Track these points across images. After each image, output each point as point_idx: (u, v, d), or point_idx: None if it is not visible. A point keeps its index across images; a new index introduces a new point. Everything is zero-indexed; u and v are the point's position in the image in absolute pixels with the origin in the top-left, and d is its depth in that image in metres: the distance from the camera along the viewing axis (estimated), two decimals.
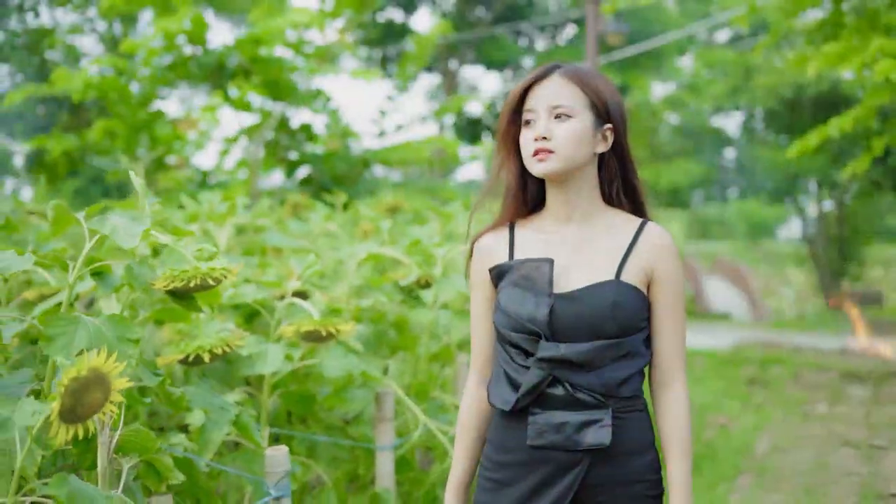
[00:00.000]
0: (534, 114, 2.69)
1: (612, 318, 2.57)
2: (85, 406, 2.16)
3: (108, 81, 11.28)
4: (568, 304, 2.60)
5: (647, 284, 2.68)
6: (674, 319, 2.69)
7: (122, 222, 2.83)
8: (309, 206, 7.82)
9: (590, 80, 2.70)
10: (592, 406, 2.58)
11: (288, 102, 12.09)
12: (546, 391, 2.62)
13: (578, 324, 2.58)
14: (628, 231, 2.71)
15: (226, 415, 3.30)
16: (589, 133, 2.66)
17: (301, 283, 4.10)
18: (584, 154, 2.66)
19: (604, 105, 2.69)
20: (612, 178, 2.77)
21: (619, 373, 2.59)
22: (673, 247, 2.71)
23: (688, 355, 10.94)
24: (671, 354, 2.69)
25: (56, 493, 2.17)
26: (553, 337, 2.60)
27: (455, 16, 28.80)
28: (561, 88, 2.68)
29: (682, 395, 2.69)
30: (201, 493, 3.33)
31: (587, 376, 2.58)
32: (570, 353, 2.56)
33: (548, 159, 2.64)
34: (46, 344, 2.72)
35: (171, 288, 2.89)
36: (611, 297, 2.58)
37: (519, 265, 2.69)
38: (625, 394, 2.60)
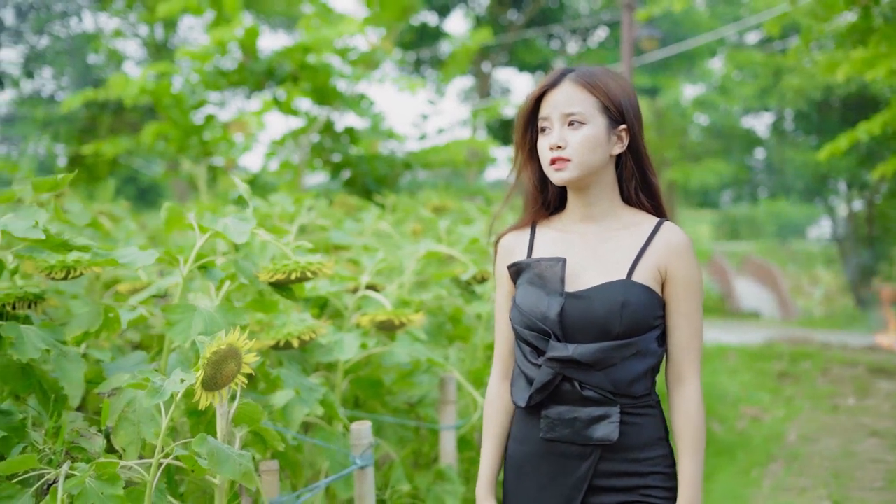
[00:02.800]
0: (548, 122, 2.74)
1: (620, 318, 2.62)
2: (222, 376, 2.49)
3: (163, 87, 11.69)
4: (579, 304, 2.67)
5: (660, 283, 2.73)
6: (688, 317, 2.73)
7: (232, 222, 3.24)
8: (361, 207, 8.21)
9: (600, 83, 2.74)
10: (601, 402, 2.65)
11: (333, 107, 12.44)
12: (559, 387, 2.70)
13: (588, 323, 2.65)
14: (644, 231, 2.76)
15: (314, 394, 3.69)
16: (603, 137, 2.71)
17: (371, 278, 4.51)
18: (600, 158, 2.72)
19: (617, 106, 2.74)
20: (630, 178, 2.82)
21: (629, 372, 2.66)
22: (688, 245, 2.75)
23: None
24: (685, 351, 2.74)
25: (198, 451, 2.54)
26: (563, 336, 2.68)
27: (488, 19, 29.09)
28: (572, 95, 2.72)
29: (695, 391, 2.74)
30: (288, 465, 3.73)
31: (596, 375, 2.64)
32: (578, 354, 2.63)
33: (565, 168, 2.70)
34: (169, 328, 3.13)
35: (273, 280, 3.28)
36: (620, 296, 2.64)
37: (534, 264, 2.77)
38: (636, 392, 2.68)
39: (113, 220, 6.45)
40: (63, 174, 3.26)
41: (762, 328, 19.46)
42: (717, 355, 13.13)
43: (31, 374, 3.13)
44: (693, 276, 2.73)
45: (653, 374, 2.73)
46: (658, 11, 11.72)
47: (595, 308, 2.65)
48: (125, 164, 21.54)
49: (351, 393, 4.63)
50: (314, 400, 3.67)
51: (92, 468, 2.47)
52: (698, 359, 2.77)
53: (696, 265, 2.76)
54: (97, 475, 2.46)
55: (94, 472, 2.46)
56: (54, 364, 3.07)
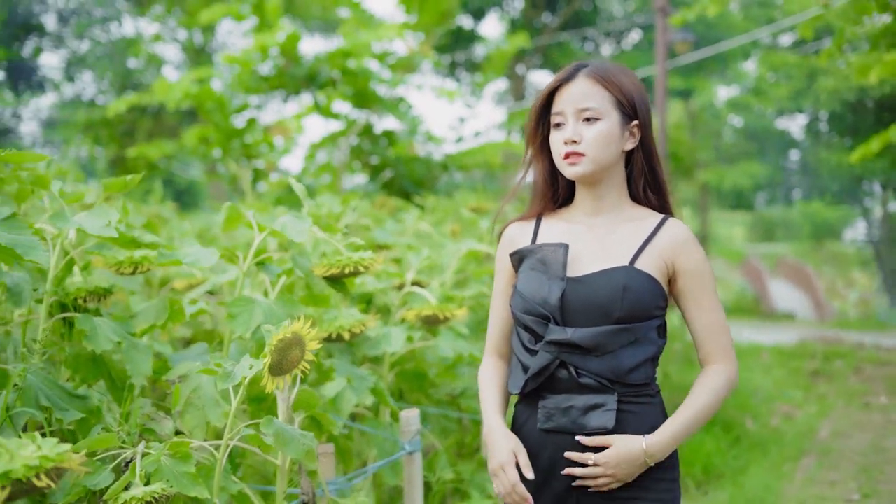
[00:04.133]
0: (562, 116, 2.74)
1: (621, 301, 2.61)
2: (288, 362, 2.66)
3: (206, 91, 11.94)
4: (580, 288, 2.66)
5: (666, 276, 2.72)
6: (705, 304, 2.72)
7: (289, 221, 3.45)
8: (401, 208, 8.43)
9: (614, 79, 2.74)
10: (597, 390, 2.64)
11: (372, 110, 12.64)
12: (555, 374, 2.68)
13: (588, 307, 2.64)
14: (648, 225, 2.76)
15: (365, 383, 3.90)
16: (617, 132, 2.72)
17: (416, 275, 4.72)
18: (613, 154, 2.73)
19: (630, 102, 2.74)
20: (640, 174, 2.82)
21: (628, 359, 2.63)
22: (692, 239, 2.75)
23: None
24: (710, 337, 2.73)
25: (266, 432, 2.74)
26: (563, 320, 2.66)
27: (522, 22, 29.23)
28: (587, 90, 2.72)
29: (720, 369, 2.72)
30: (339, 452, 3.93)
31: (595, 361, 2.63)
32: (577, 337, 2.62)
33: (579, 162, 2.70)
34: (231, 320, 3.34)
35: (328, 274, 3.48)
36: (622, 281, 2.63)
37: (537, 249, 2.76)
38: (635, 381, 2.65)
39: (161, 221, 6.68)
40: (131, 176, 3.46)
41: (796, 329, 19.53)
42: (751, 354, 13.23)
43: (100, 363, 3.36)
44: (701, 265, 2.73)
45: (653, 365, 2.72)
46: (692, 16, 11.85)
47: (596, 292, 2.64)
48: (164, 167, 21.82)
49: (396, 385, 4.81)
50: (365, 389, 3.87)
51: (166, 447, 2.66)
52: (726, 344, 2.75)
53: (703, 255, 2.76)
54: (171, 454, 2.65)
55: (168, 452, 2.65)
56: (124, 354, 3.28)
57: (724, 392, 2.72)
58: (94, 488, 2.63)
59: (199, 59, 25.53)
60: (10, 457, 2.01)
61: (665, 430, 2.64)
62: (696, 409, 2.67)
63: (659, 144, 15.81)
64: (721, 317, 2.76)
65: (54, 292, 3.25)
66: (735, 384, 2.79)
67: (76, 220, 3.12)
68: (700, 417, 2.68)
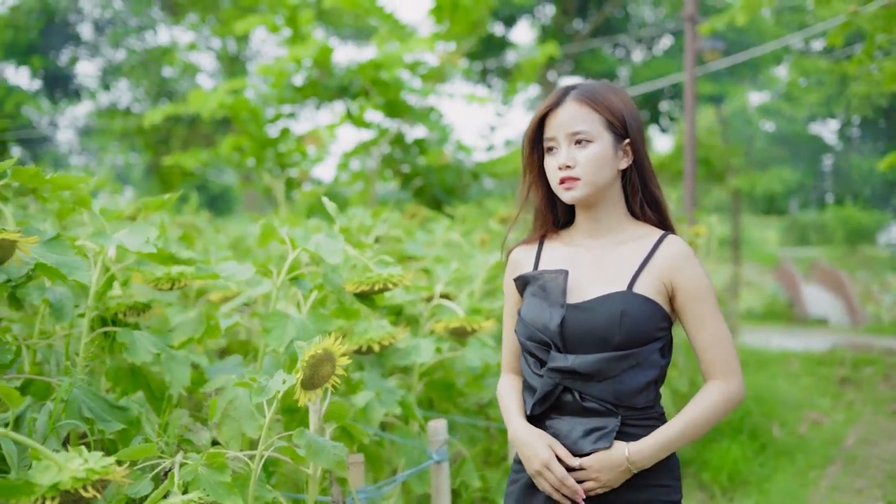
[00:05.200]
0: (554, 141, 2.76)
1: (619, 327, 2.61)
2: (319, 377, 2.75)
3: (240, 102, 12.11)
4: (579, 315, 2.67)
5: (666, 296, 2.72)
6: (705, 321, 2.71)
7: (323, 240, 3.58)
8: (431, 218, 8.55)
9: (603, 100, 2.74)
10: (601, 414, 2.65)
11: (403, 119, 12.77)
12: (561, 398, 2.71)
13: (588, 334, 2.65)
14: (647, 244, 2.76)
15: (394, 395, 4.02)
16: (610, 153, 2.73)
17: (444, 287, 4.83)
18: (608, 175, 2.74)
19: (621, 122, 2.74)
20: (635, 191, 2.83)
21: (630, 383, 2.64)
22: (690, 255, 2.74)
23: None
24: (710, 351, 2.72)
25: (297, 444, 2.86)
26: (564, 347, 2.68)
27: (553, 29, 29.28)
28: (577, 113, 2.72)
29: (719, 385, 2.71)
30: (369, 461, 4.05)
31: (597, 386, 2.65)
32: (577, 364, 2.64)
33: (575, 187, 2.72)
34: (265, 334, 3.47)
35: (359, 290, 3.60)
36: (619, 306, 2.63)
37: (538, 276, 2.79)
38: (638, 404, 2.67)
39: (195, 231, 6.83)
40: (169, 195, 3.60)
41: (828, 334, 19.46)
42: (780, 361, 13.24)
43: (139, 375, 3.50)
44: (700, 282, 2.72)
45: (656, 387, 2.73)
46: (721, 25, 11.89)
47: (595, 319, 2.65)
48: (198, 174, 22.03)
49: (425, 394, 4.92)
50: (393, 401, 3.99)
51: (203, 458, 2.78)
52: (727, 359, 2.73)
53: (702, 271, 2.75)
54: (208, 464, 2.77)
55: (205, 462, 2.77)
56: (163, 366, 3.41)
57: (720, 407, 2.70)
58: (134, 497, 2.75)
59: (233, 67, 25.77)
60: (59, 469, 2.15)
61: (650, 439, 2.64)
62: (686, 421, 2.66)
63: (688, 150, 15.88)
64: (722, 332, 2.74)
65: (95, 307, 3.38)
66: (738, 399, 2.76)
67: (117, 237, 3.25)
68: (690, 430, 2.67)
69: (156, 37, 28.52)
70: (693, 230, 8.81)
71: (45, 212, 4.75)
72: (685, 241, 2.79)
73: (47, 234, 3.01)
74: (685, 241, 2.79)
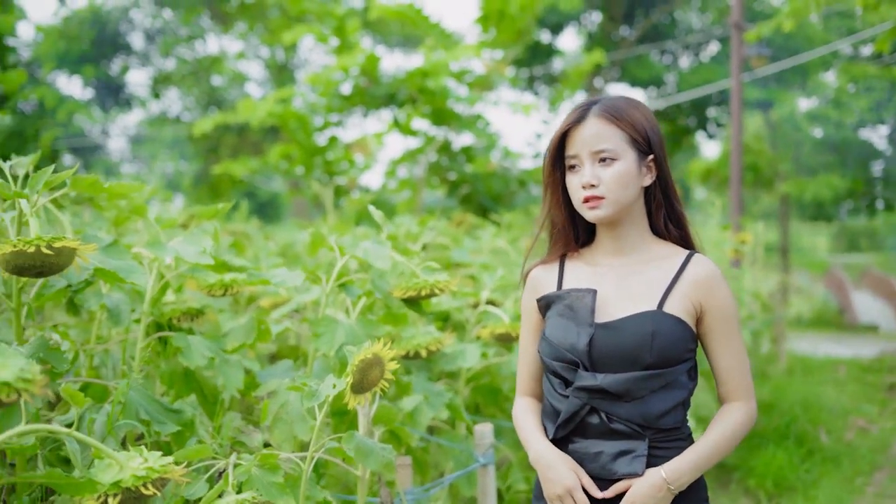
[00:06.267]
0: (577, 159, 2.69)
1: (650, 347, 2.55)
2: (368, 381, 2.80)
3: (289, 111, 12.25)
4: (608, 334, 2.60)
5: (694, 317, 2.66)
6: (729, 344, 2.67)
7: (371, 247, 3.66)
8: (478, 225, 8.62)
9: (626, 116, 2.67)
10: (628, 436, 2.59)
11: (450, 127, 12.85)
12: (585, 420, 2.64)
13: (617, 353, 2.58)
14: (674, 264, 2.70)
15: (442, 399, 4.08)
16: (634, 171, 2.66)
17: (490, 293, 4.90)
18: (633, 193, 2.67)
19: (644, 138, 2.68)
20: (659, 208, 2.77)
21: (658, 404, 2.59)
22: (718, 276, 2.69)
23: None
24: (732, 374, 2.68)
25: (347, 446, 2.94)
26: (592, 366, 2.61)
27: (600, 36, 29.28)
28: (600, 130, 2.65)
29: (739, 409, 2.68)
30: (416, 463, 4.11)
31: (625, 407, 2.58)
32: (606, 383, 2.57)
33: (599, 206, 2.64)
34: (315, 339, 3.55)
35: (406, 296, 3.68)
36: (650, 326, 2.56)
37: (564, 295, 2.71)
38: (665, 425, 2.61)
39: (245, 239, 6.93)
40: (222, 204, 3.69)
41: (878, 341, 19.30)
42: (827, 367, 13.18)
43: (192, 379, 3.59)
44: (727, 305, 2.68)
45: (683, 409, 2.67)
46: (767, 31, 11.88)
47: (625, 338, 2.58)
48: (247, 182, 22.23)
49: (472, 399, 4.97)
50: (441, 404, 4.05)
51: (256, 459, 2.86)
52: (746, 383, 2.71)
53: (729, 293, 2.70)
54: (260, 465, 2.85)
55: (258, 463, 2.85)
56: (217, 369, 3.51)
57: (742, 429, 2.67)
58: (190, 498, 2.84)
59: (281, 75, 25.98)
60: (120, 468, 2.24)
61: (684, 459, 2.58)
62: (718, 440, 2.62)
63: (735, 156, 15.83)
64: (743, 356, 2.71)
65: (151, 313, 3.48)
66: (754, 421, 2.73)
67: (172, 246, 3.34)
68: (719, 449, 2.63)
69: (205, 46, 28.84)
70: (739, 237, 8.83)
71: (99, 220, 4.86)
72: (711, 260, 2.75)
73: (105, 241, 3.10)
74: (711, 260, 2.75)
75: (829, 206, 29.23)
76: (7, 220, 2.86)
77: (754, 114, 31.34)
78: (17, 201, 2.82)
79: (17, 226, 2.84)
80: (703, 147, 32.80)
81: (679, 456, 2.60)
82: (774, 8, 27.17)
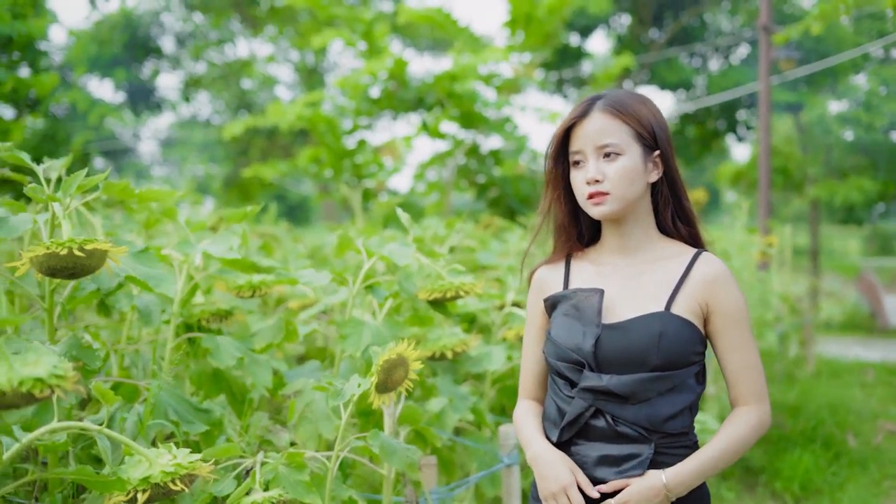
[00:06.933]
0: (581, 155, 2.63)
1: (658, 349, 2.50)
2: (392, 380, 2.83)
3: (318, 115, 12.34)
4: (615, 335, 2.54)
5: (702, 318, 2.60)
6: (740, 345, 2.61)
7: (395, 248, 3.71)
8: (505, 228, 8.66)
9: (632, 110, 2.61)
10: (634, 440, 2.54)
11: (478, 130, 12.89)
12: (590, 423, 2.58)
13: (624, 354, 2.53)
14: (681, 263, 2.64)
15: (466, 402, 4.13)
16: (640, 167, 2.60)
17: (515, 296, 4.93)
18: (638, 189, 2.62)
19: (650, 133, 2.62)
20: (666, 205, 2.71)
21: (665, 408, 2.53)
22: (726, 275, 2.63)
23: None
24: (742, 376, 2.62)
25: (372, 444, 2.98)
26: (598, 367, 2.56)
27: (629, 38, 29.24)
28: (605, 125, 2.59)
29: (749, 413, 2.62)
30: (442, 464, 4.15)
31: (631, 409, 2.53)
32: (612, 385, 2.52)
33: (604, 202, 2.59)
34: (342, 340, 3.60)
35: (431, 298, 3.72)
36: (658, 328, 2.51)
37: (570, 295, 2.66)
38: (672, 429, 2.55)
39: (274, 241, 6.99)
40: (251, 206, 3.75)
41: None
42: (854, 371, 13.11)
43: (221, 379, 3.64)
44: (737, 305, 2.62)
45: (691, 413, 2.61)
46: (795, 34, 11.87)
47: (632, 339, 2.53)
48: (276, 184, 22.32)
49: (498, 401, 5.00)
50: (465, 407, 4.10)
51: (283, 457, 2.91)
52: (758, 385, 2.64)
53: (738, 292, 2.64)
54: (287, 463, 2.90)
55: (285, 461, 2.90)
56: (246, 369, 3.56)
57: (753, 434, 2.61)
58: (218, 495, 2.89)
59: (311, 79, 26.09)
60: (150, 464, 2.30)
61: (686, 465, 2.53)
62: (724, 447, 2.57)
63: (763, 160, 15.78)
64: (755, 357, 2.65)
65: (180, 314, 3.54)
66: (766, 425, 2.67)
67: (201, 245, 3.41)
68: (727, 456, 2.57)
69: (235, 50, 28.99)
70: (766, 240, 8.83)
71: (130, 222, 4.93)
72: (719, 258, 2.69)
73: (136, 247, 3.16)
74: (719, 258, 2.69)
75: (860, 210, 29.06)
76: (40, 222, 2.91)
77: (784, 117, 31.19)
78: (49, 204, 2.88)
79: (50, 228, 2.89)
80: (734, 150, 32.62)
81: (683, 462, 2.55)
82: (804, 10, 27.05)
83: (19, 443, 2.29)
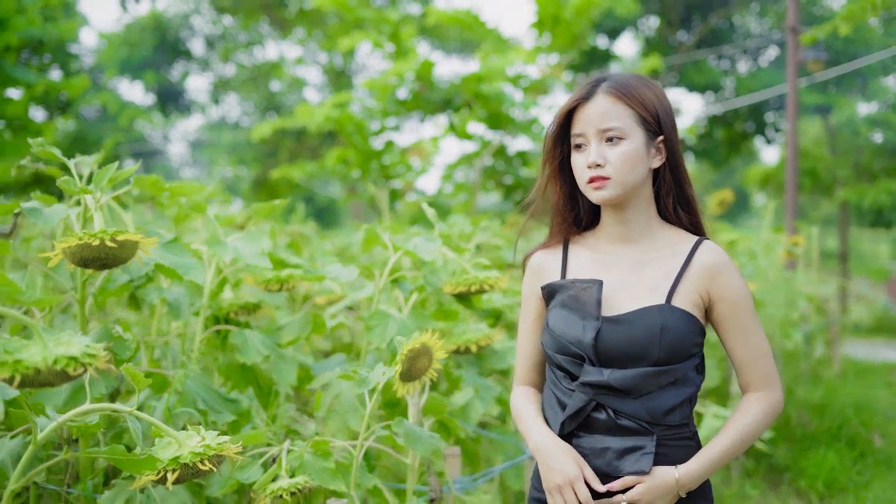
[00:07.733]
0: (583, 137, 2.57)
1: (659, 343, 2.47)
2: (416, 369, 2.87)
3: (346, 116, 12.41)
4: (616, 328, 2.50)
5: (702, 308, 2.57)
6: (745, 332, 2.58)
7: (421, 242, 3.76)
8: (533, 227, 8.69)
9: (636, 94, 2.56)
10: (636, 432, 2.50)
11: (505, 131, 12.93)
12: (591, 416, 2.53)
13: (625, 348, 2.49)
14: (682, 252, 2.60)
15: (491, 392, 4.18)
16: (643, 152, 2.55)
17: None
18: (640, 174, 2.57)
19: (654, 117, 2.57)
20: (668, 192, 2.66)
21: (666, 400, 2.50)
22: (727, 263, 2.59)
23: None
24: (750, 363, 2.60)
25: (397, 431, 3.04)
26: (599, 361, 2.51)
27: (657, 41, 29.20)
28: (608, 108, 2.54)
29: (759, 400, 2.60)
30: (467, 455, 4.20)
31: (632, 403, 2.49)
32: (613, 379, 2.48)
33: (605, 186, 2.53)
34: (368, 332, 3.66)
35: (456, 291, 3.77)
36: (659, 321, 2.48)
37: (569, 285, 2.60)
38: (672, 422, 2.52)
39: (302, 240, 7.06)
40: (278, 201, 3.81)
41: None
42: (881, 371, 13.08)
43: (249, 372, 3.71)
44: (739, 292, 2.59)
45: (690, 404, 2.58)
46: (822, 35, 11.85)
47: (632, 333, 2.49)
48: (304, 186, 22.41)
49: None
50: (491, 398, 4.14)
51: (308, 445, 2.97)
52: (767, 370, 2.61)
53: (740, 279, 2.60)
54: (313, 451, 2.96)
55: (311, 449, 2.96)
56: (271, 365, 3.63)
57: (763, 420, 2.60)
58: (245, 481, 2.96)
59: (339, 80, 26.21)
60: (179, 445, 2.37)
61: (699, 459, 2.53)
62: (734, 438, 2.56)
63: (790, 161, 15.75)
64: (762, 342, 2.62)
65: (209, 306, 3.61)
66: (778, 411, 2.64)
67: (231, 244, 3.46)
68: (736, 446, 2.56)
69: (264, 52, 29.17)
70: (791, 240, 8.83)
71: (160, 218, 5.01)
72: (720, 246, 2.65)
73: (165, 238, 3.23)
74: (720, 246, 2.65)
75: (890, 213, 28.94)
76: (73, 215, 2.98)
77: (813, 119, 31.10)
78: (82, 197, 2.94)
79: (82, 221, 2.96)
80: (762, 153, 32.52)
81: (694, 458, 2.53)
82: (833, 12, 26.94)
83: (53, 422, 2.36)
